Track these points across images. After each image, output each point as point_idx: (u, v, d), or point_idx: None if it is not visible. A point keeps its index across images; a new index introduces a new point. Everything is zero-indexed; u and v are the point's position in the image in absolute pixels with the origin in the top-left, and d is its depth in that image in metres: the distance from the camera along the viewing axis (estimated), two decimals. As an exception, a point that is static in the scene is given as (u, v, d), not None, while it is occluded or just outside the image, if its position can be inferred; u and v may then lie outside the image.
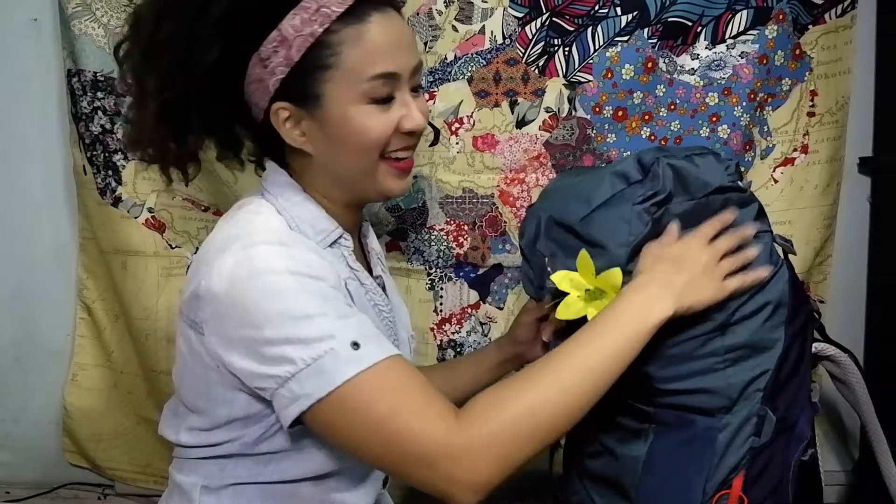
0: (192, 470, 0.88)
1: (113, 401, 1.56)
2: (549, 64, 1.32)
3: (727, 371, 0.86)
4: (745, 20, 1.30)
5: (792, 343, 0.88)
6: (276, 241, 0.80)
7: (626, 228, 0.85)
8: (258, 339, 0.76)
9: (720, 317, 0.85)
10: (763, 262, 0.87)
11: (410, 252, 1.39)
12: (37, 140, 1.53)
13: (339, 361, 0.74)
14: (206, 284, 0.79)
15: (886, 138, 1.41)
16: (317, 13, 0.80)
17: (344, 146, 0.85)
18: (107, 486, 1.63)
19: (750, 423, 0.86)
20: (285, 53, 0.81)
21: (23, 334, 1.60)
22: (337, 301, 0.79)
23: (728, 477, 0.86)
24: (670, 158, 0.88)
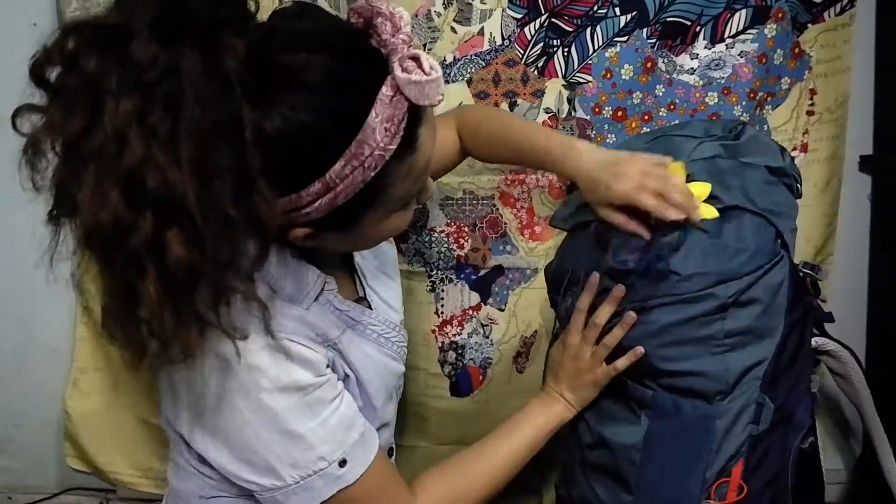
0: (188, 478, 0.88)
1: (114, 404, 1.55)
2: (548, 65, 1.32)
3: (726, 356, 0.86)
4: (744, 19, 1.30)
5: (790, 332, 0.88)
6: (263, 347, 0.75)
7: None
8: (245, 448, 0.78)
9: (722, 295, 0.86)
10: None
11: (411, 254, 1.39)
12: (36, 144, 1.52)
13: (327, 481, 0.79)
14: (189, 383, 0.78)
15: (887, 136, 1.41)
16: (369, 158, 0.68)
17: (367, 243, 0.88)
18: (109, 490, 1.63)
19: (748, 410, 0.87)
20: (329, 201, 0.70)
21: (23, 337, 1.60)
22: (326, 407, 0.80)
23: (727, 465, 0.86)
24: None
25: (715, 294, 0.85)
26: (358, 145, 0.67)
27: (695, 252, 0.86)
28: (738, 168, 0.91)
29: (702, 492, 0.86)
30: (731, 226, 0.87)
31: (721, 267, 0.85)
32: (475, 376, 1.42)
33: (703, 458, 0.87)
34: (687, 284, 0.85)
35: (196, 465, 0.86)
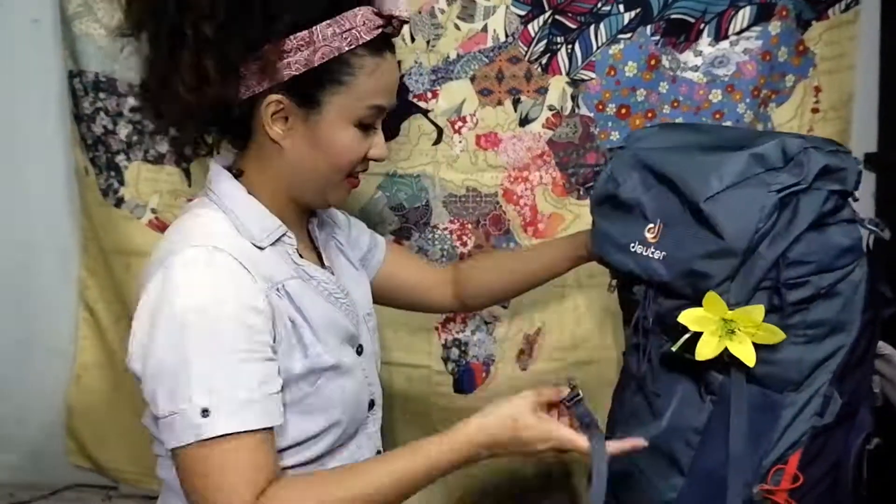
0: (167, 465, 0.90)
1: (115, 401, 1.56)
2: (551, 62, 1.32)
3: (805, 347, 0.87)
4: (749, 16, 1.29)
5: (864, 330, 0.89)
6: (205, 246, 0.83)
7: (757, 216, 0.84)
8: (147, 366, 0.81)
9: (817, 284, 0.85)
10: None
11: (414, 251, 1.39)
12: (38, 141, 1.53)
13: (185, 423, 0.79)
14: (143, 300, 0.83)
15: (891, 134, 1.40)
16: (348, 32, 0.86)
17: (321, 155, 0.90)
18: (111, 487, 1.63)
19: (815, 402, 0.87)
20: (308, 55, 0.85)
21: (26, 335, 1.60)
22: (224, 350, 0.80)
23: (785, 453, 0.87)
24: (818, 150, 0.86)
25: (811, 282, 0.86)
26: (343, 19, 0.86)
27: (804, 240, 0.86)
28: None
29: (755, 477, 0.87)
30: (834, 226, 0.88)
31: (823, 257, 0.86)
32: (478, 373, 1.42)
33: (763, 445, 0.87)
34: (792, 270, 0.85)
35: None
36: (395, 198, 1.37)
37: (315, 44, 0.85)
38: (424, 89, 1.33)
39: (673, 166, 0.92)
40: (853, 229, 0.89)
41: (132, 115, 1.41)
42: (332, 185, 0.93)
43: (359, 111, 0.89)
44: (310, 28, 0.85)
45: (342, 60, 0.87)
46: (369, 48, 0.88)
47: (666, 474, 0.92)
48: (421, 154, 1.35)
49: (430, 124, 1.34)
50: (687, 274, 0.89)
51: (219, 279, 0.82)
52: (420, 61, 1.32)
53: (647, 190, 0.95)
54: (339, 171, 0.92)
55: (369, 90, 0.89)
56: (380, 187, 1.37)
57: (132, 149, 1.42)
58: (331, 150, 0.90)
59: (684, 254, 0.89)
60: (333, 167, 0.91)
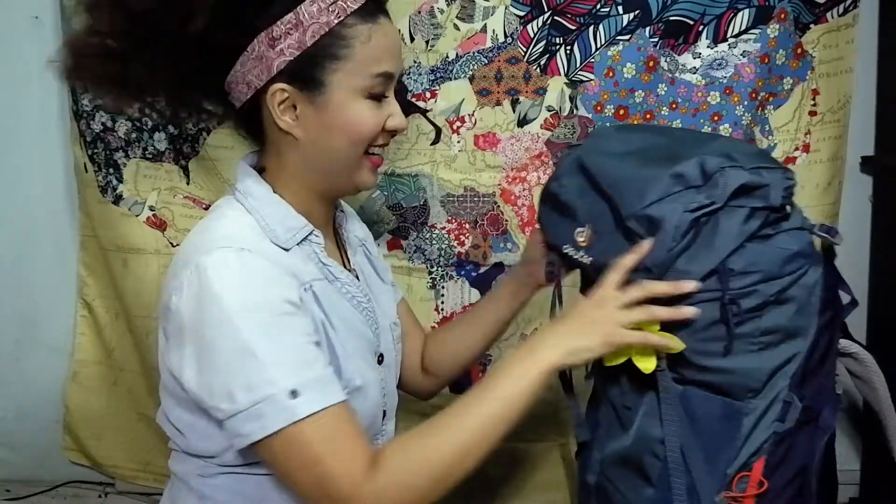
0: (187, 460, 0.90)
1: (113, 399, 1.56)
2: (550, 62, 1.32)
3: (760, 354, 0.87)
4: (747, 19, 1.30)
5: (821, 333, 0.89)
6: (234, 248, 0.81)
7: (671, 234, 0.84)
8: (209, 368, 0.79)
9: (765, 292, 0.85)
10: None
11: (412, 250, 1.39)
12: (37, 138, 1.53)
13: (277, 409, 0.77)
14: (177, 301, 0.81)
15: (888, 137, 1.41)
16: (334, 4, 0.83)
17: (337, 135, 0.87)
18: (107, 483, 1.64)
19: (774, 408, 0.87)
20: (298, 37, 0.84)
21: (24, 332, 1.60)
22: (286, 334, 0.80)
23: (749, 460, 0.87)
24: (736, 169, 0.86)
25: (759, 291, 0.86)
26: None
27: (747, 250, 0.86)
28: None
29: (722, 485, 0.87)
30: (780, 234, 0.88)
31: (768, 266, 0.86)
32: (475, 374, 1.42)
33: (726, 452, 0.87)
34: (737, 280, 0.85)
35: (192, 449, 0.89)
36: (393, 197, 1.37)
37: (303, 24, 0.83)
38: (423, 89, 1.33)
39: (608, 177, 0.92)
40: (801, 235, 0.88)
41: (131, 113, 1.41)
42: (354, 165, 0.90)
43: (365, 81, 0.86)
44: (294, 9, 0.83)
45: (334, 34, 0.84)
46: (360, 16, 0.85)
47: (637, 486, 0.92)
48: (419, 154, 1.36)
49: (429, 124, 1.35)
50: None
51: (255, 275, 0.81)
52: (419, 61, 1.32)
53: (582, 195, 0.95)
54: (354, 146, 0.88)
55: (370, 58, 0.86)
56: (378, 186, 1.37)
57: (131, 146, 1.42)
58: (347, 128, 0.87)
59: (609, 262, 0.89)
60: (349, 144, 0.88)
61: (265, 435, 0.77)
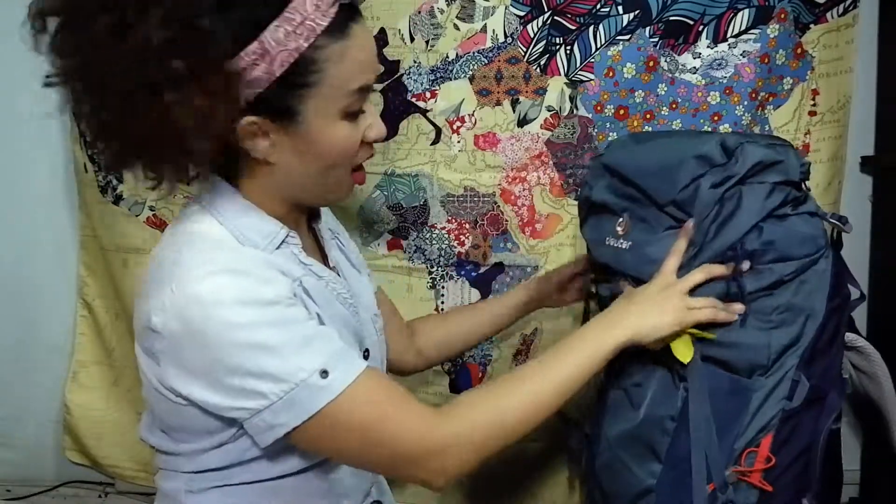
0: (174, 477, 0.89)
1: (113, 398, 1.56)
2: (550, 62, 1.32)
3: (771, 332, 0.90)
4: (747, 19, 1.30)
5: (830, 316, 0.91)
6: (222, 270, 0.78)
7: (702, 213, 0.91)
8: (223, 374, 0.77)
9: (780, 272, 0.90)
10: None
11: (412, 250, 1.39)
12: (38, 137, 1.53)
13: (312, 392, 0.77)
14: (160, 322, 0.78)
15: (888, 137, 1.41)
16: (301, 26, 0.76)
17: (316, 160, 0.84)
18: (107, 484, 1.64)
19: (783, 386, 0.89)
20: (266, 67, 0.76)
21: (23, 332, 1.60)
22: (296, 323, 0.79)
23: (756, 436, 0.89)
24: (753, 144, 0.92)
25: (774, 270, 0.89)
26: (291, 11, 0.75)
27: (764, 230, 0.91)
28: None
29: (729, 459, 0.89)
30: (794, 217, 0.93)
31: (783, 246, 0.90)
32: (475, 373, 1.42)
33: (735, 429, 0.90)
34: (754, 258, 0.90)
35: (178, 466, 0.88)
36: (393, 197, 1.37)
37: (270, 52, 0.75)
38: (423, 89, 1.33)
39: (635, 169, 0.99)
40: (816, 221, 0.92)
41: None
42: (337, 183, 0.87)
43: (340, 102, 0.81)
44: (258, 37, 0.75)
45: (304, 60, 0.77)
46: (330, 33, 0.77)
47: (645, 462, 0.95)
48: (419, 153, 1.36)
49: (429, 124, 1.35)
50: (648, 262, 0.95)
51: (250, 287, 0.78)
52: (419, 61, 1.33)
53: (614, 191, 1.02)
54: (335, 168, 0.85)
55: (344, 78, 0.80)
56: (378, 186, 1.37)
57: (131, 146, 1.42)
58: (324, 152, 0.83)
59: (648, 246, 0.96)
60: (330, 167, 0.84)
61: (303, 420, 0.76)
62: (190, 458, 0.87)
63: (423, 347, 1.19)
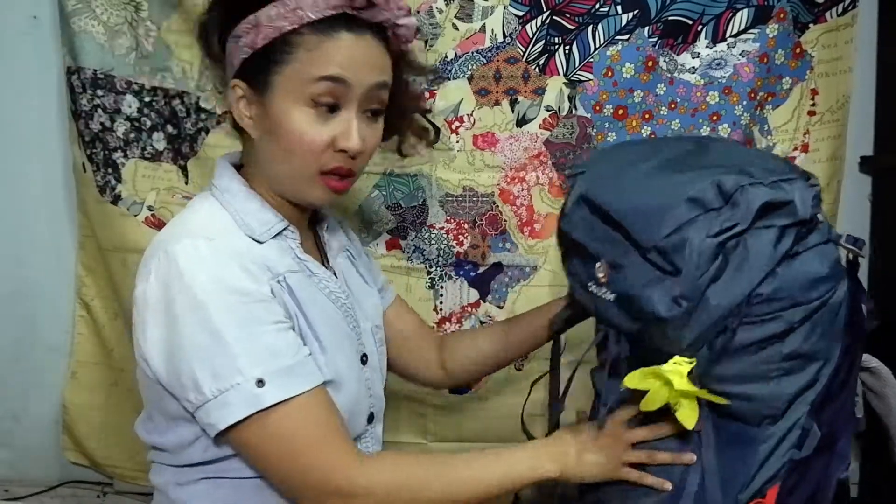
0: (164, 470, 0.91)
1: (112, 398, 1.56)
2: (549, 62, 1.32)
3: (780, 380, 0.83)
4: (746, 19, 1.30)
5: (845, 355, 0.85)
6: (205, 238, 0.82)
7: (694, 263, 0.79)
8: (175, 349, 0.79)
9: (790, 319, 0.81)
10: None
11: (410, 250, 1.39)
12: (36, 137, 1.53)
13: (243, 398, 0.78)
14: (143, 288, 0.82)
15: (887, 137, 1.41)
16: (292, 12, 0.84)
17: (280, 143, 0.86)
18: (106, 483, 1.63)
19: (792, 435, 0.85)
20: (252, 38, 0.85)
21: (22, 332, 1.60)
22: (258, 323, 0.80)
23: (763, 487, 0.85)
24: (756, 186, 0.80)
25: (783, 317, 0.81)
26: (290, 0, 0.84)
27: (777, 276, 0.81)
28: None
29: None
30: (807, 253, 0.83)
31: (794, 291, 0.81)
32: (474, 374, 1.42)
33: (741, 478, 0.85)
34: (763, 307, 0.81)
35: (166, 459, 0.89)
36: (392, 197, 1.37)
37: (260, 26, 0.84)
38: (422, 89, 1.33)
39: (617, 207, 0.87)
40: (828, 251, 0.83)
41: (129, 113, 1.41)
42: (303, 180, 0.87)
43: (305, 87, 0.84)
44: (256, 11, 0.85)
45: (283, 40, 0.84)
46: (316, 28, 0.84)
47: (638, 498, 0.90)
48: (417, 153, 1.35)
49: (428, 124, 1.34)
50: (639, 319, 0.85)
51: (224, 263, 0.81)
52: (418, 61, 1.32)
53: (592, 230, 0.90)
54: (300, 158, 0.86)
55: (311, 64, 0.84)
56: (376, 186, 1.37)
57: (129, 146, 1.42)
58: (285, 134, 0.85)
59: (635, 300, 0.84)
60: (291, 154, 0.86)
61: (232, 422, 0.78)
62: (175, 453, 0.88)
63: (450, 367, 1.15)
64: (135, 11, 1.37)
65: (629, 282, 0.84)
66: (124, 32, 1.38)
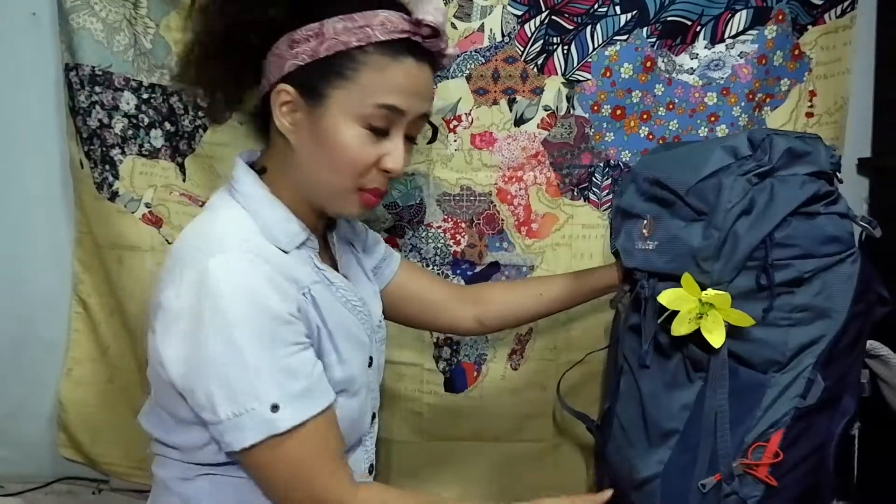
0: (168, 464, 0.91)
1: (108, 395, 1.56)
2: (547, 62, 1.32)
3: (788, 330, 0.90)
4: (745, 20, 1.29)
5: (852, 320, 0.91)
6: (238, 252, 0.82)
7: (727, 197, 0.90)
8: (196, 369, 0.80)
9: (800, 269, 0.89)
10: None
11: (407, 249, 1.39)
12: (34, 134, 1.53)
13: (258, 422, 0.79)
14: (172, 297, 0.82)
15: (885, 139, 1.41)
16: (360, 29, 0.83)
17: (324, 155, 0.87)
18: (101, 480, 1.63)
19: (798, 384, 0.90)
20: (314, 46, 0.84)
21: (18, 329, 1.60)
22: (282, 346, 0.81)
23: (767, 431, 0.89)
24: (781, 135, 0.93)
25: (794, 266, 0.89)
26: (360, 16, 0.83)
27: (790, 225, 0.90)
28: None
29: (737, 452, 0.89)
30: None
31: (806, 242, 0.90)
32: (469, 373, 1.42)
33: (746, 423, 0.90)
34: (776, 251, 0.89)
35: (172, 455, 0.90)
36: (389, 195, 1.37)
37: (324, 36, 0.84)
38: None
39: (661, 167, 1.00)
40: (845, 223, 0.92)
41: (127, 110, 1.41)
42: (341, 194, 0.89)
43: (364, 109, 0.85)
44: (322, 20, 0.84)
45: (348, 55, 0.84)
46: (383, 48, 0.84)
47: (654, 448, 0.95)
48: (415, 152, 1.35)
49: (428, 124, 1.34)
50: (676, 257, 0.94)
51: (258, 281, 0.81)
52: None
53: (641, 195, 1.02)
54: (339, 174, 0.87)
55: (375, 88, 0.85)
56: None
57: (127, 143, 1.42)
58: (333, 148, 0.86)
59: (673, 240, 0.95)
60: (334, 169, 0.87)
61: (246, 446, 0.79)
62: (184, 452, 0.89)
63: (484, 317, 1.18)
64: (133, 8, 1.37)
65: (669, 227, 0.96)
66: (123, 29, 1.38)
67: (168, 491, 0.91)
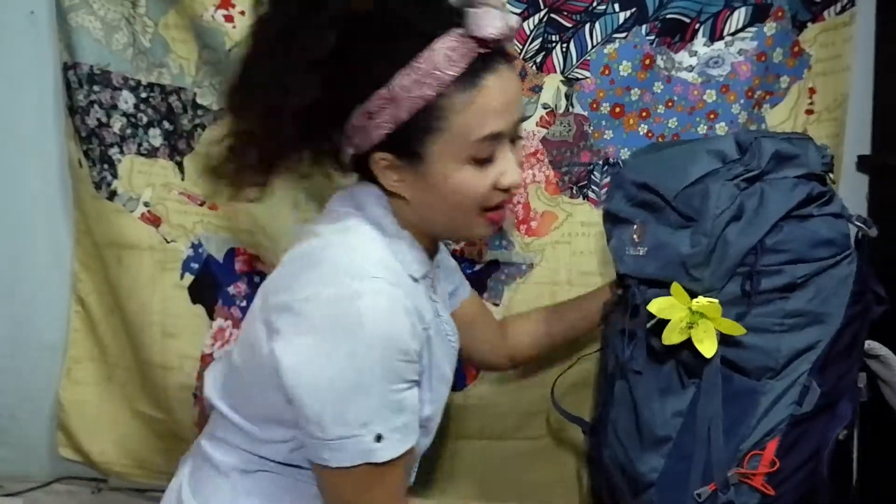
0: (230, 452, 0.91)
1: (107, 395, 1.56)
2: (546, 60, 1.32)
3: (781, 336, 0.89)
4: (744, 17, 1.29)
5: (848, 324, 0.90)
6: (385, 281, 0.81)
7: (714, 202, 0.89)
8: (313, 383, 0.80)
9: (792, 274, 0.88)
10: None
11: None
12: (32, 133, 1.52)
13: (359, 449, 0.80)
14: (305, 295, 0.80)
15: (885, 136, 1.40)
16: (429, 76, 0.78)
17: (440, 199, 0.85)
18: (100, 480, 1.63)
19: (793, 391, 0.89)
20: (393, 112, 0.80)
21: (17, 329, 1.60)
22: (401, 382, 0.81)
23: (763, 439, 0.89)
24: (769, 138, 0.92)
25: (785, 271, 0.88)
26: (420, 61, 0.78)
27: (782, 230, 0.89)
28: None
29: (733, 460, 0.89)
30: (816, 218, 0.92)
31: (798, 247, 0.89)
32: (469, 371, 1.42)
33: (741, 431, 0.89)
34: (767, 257, 0.88)
35: (240, 441, 0.90)
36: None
37: (397, 99, 0.79)
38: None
39: (647, 171, 0.99)
40: (839, 224, 0.91)
41: (126, 109, 1.41)
42: (466, 224, 0.88)
43: (466, 150, 0.82)
44: (387, 84, 0.79)
45: (429, 107, 0.80)
46: (459, 83, 0.79)
47: (648, 455, 0.95)
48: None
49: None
50: (667, 264, 0.93)
51: (399, 316, 0.80)
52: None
53: (629, 199, 1.02)
54: (465, 208, 0.86)
55: (469, 126, 0.81)
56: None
57: (126, 142, 1.42)
58: (452, 195, 0.84)
59: (662, 246, 0.94)
60: (456, 208, 0.86)
61: (343, 466, 0.80)
62: (254, 442, 0.89)
63: (513, 352, 1.20)
64: (132, 7, 1.37)
65: (657, 233, 0.95)
66: (121, 28, 1.38)
67: (221, 476, 0.91)
